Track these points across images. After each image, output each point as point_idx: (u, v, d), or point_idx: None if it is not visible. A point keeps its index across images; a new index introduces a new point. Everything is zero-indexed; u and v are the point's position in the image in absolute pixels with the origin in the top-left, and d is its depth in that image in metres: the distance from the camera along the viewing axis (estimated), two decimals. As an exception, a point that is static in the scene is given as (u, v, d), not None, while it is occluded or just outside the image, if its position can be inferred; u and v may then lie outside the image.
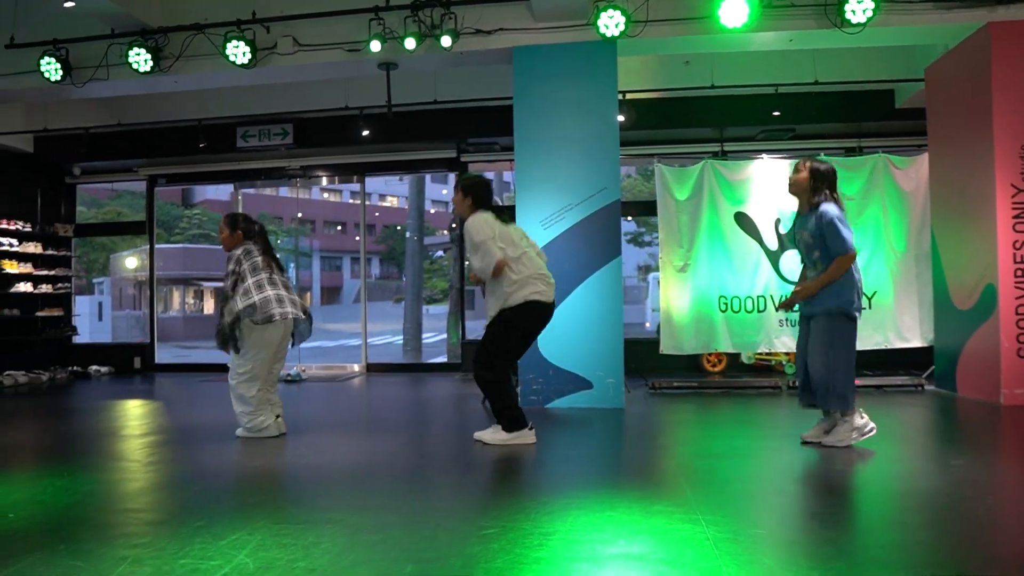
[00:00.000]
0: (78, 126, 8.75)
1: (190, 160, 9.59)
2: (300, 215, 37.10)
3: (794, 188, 4.33)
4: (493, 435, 4.46)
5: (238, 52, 6.37)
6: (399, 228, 40.87)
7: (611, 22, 5.90)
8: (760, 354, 8.08)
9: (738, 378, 7.73)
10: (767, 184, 7.44)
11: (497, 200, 4.55)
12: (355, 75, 7.13)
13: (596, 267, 6.10)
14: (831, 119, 8.24)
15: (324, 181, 10.08)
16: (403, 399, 7.05)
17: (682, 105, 8.29)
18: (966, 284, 6.23)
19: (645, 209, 10.19)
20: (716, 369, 8.59)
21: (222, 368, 9.80)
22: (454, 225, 17.87)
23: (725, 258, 7.47)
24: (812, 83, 7.34)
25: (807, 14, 5.97)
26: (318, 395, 7.39)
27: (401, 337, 14.67)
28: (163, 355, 10.33)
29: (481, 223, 4.34)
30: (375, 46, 6.16)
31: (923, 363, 7.31)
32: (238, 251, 4.70)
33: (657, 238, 7.64)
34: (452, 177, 9.20)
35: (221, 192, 32.43)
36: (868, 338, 7.21)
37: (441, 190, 41.13)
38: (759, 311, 7.44)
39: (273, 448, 4.48)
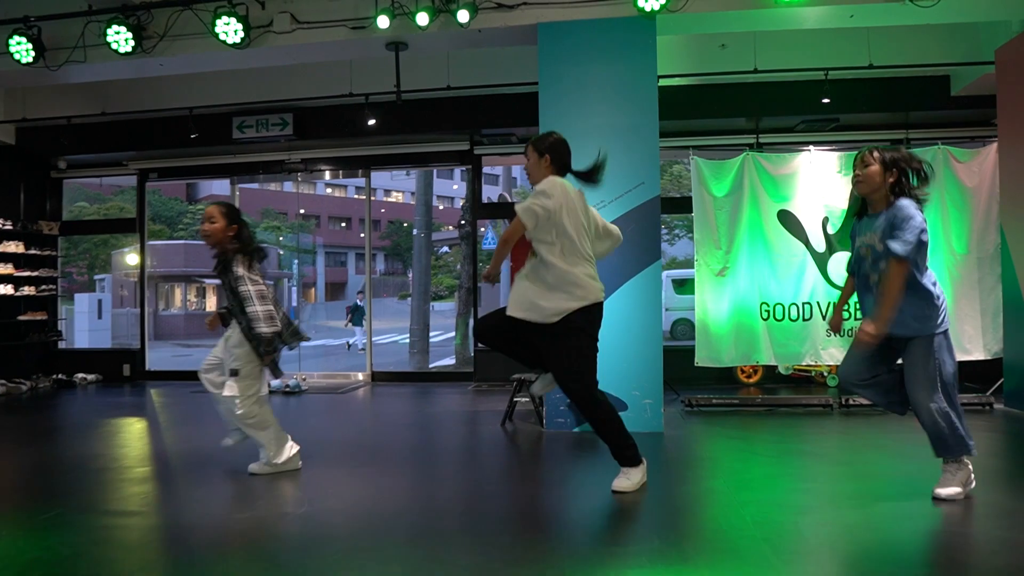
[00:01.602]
0: (60, 115, 8.08)
1: (183, 153, 8.92)
2: (303, 211, 36.44)
3: (864, 186, 3.41)
4: (630, 481, 3.65)
5: (228, 30, 5.69)
6: (405, 224, 40.32)
7: (651, -6, 5.21)
8: (799, 365, 7.38)
9: (782, 394, 7.03)
10: (814, 179, 6.74)
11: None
12: (360, 57, 6.50)
13: (633, 272, 5.41)
14: (880, 108, 7.53)
15: (327, 176, 9.34)
16: (413, 417, 6.38)
17: (715, 93, 7.57)
18: (1049, 291, 5.54)
19: (670, 206, 9.48)
20: (751, 380, 7.90)
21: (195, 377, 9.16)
22: (463, 221, 17.22)
23: (767, 261, 6.78)
24: (866, 67, 6.61)
25: (872, -14, 5.27)
26: (319, 411, 6.72)
27: (408, 337, 14.04)
28: (162, 355, 9.67)
29: (561, 188, 3.59)
30: (383, 22, 5.47)
31: (985, 378, 6.63)
32: (242, 263, 3.98)
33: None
34: (458, 172, 8.52)
35: (226, 187, 31.81)
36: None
37: (451, 185, 40.52)
38: (804, 319, 6.75)
39: (272, 487, 3.81)
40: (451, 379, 8.97)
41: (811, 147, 6.98)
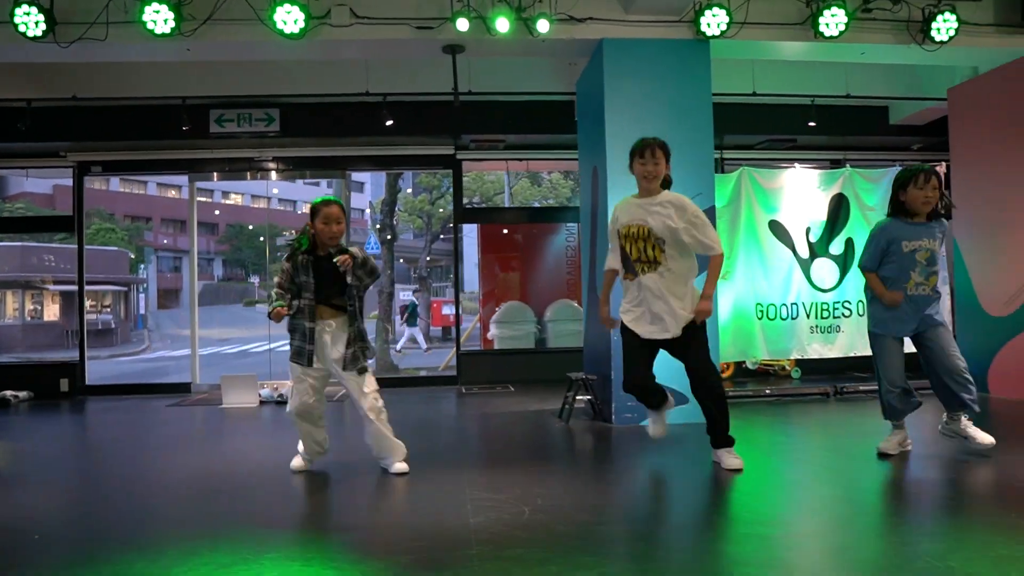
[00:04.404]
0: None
1: (135, 146, 8.12)
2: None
3: (931, 205, 4.12)
4: (734, 458, 4.13)
5: (289, 19, 5.41)
6: (251, 227, 38.23)
7: (714, 20, 5.68)
8: (764, 360, 8.22)
9: (750, 388, 7.79)
10: (798, 193, 7.56)
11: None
12: (415, 57, 6.42)
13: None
14: (831, 132, 8.58)
15: (308, 175, 8.92)
16: (468, 420, 6.38)
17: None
18: (1003, 292, 6.66)
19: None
20: (725, 375, 8.62)
21: (172, 390, 8.46)
22: (379, 227, 16.88)
23: (761, 265, 7.50)
24: (844, 96, 7.58)
25: (885, 28, 6.10)
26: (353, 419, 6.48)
27: (266, 344, 13.47)
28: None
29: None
30: (463, 25, 5.47)
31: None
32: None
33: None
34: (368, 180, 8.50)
35: (41, 185, 28.37)
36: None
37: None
38: (792, 318, 7.54)
39: (445, 493, 3.77)
40: (433, 383, 8.90)
41: (796, 164, 7.83)
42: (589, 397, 6.05)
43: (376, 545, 3.05)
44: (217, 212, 39.20)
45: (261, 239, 35.74)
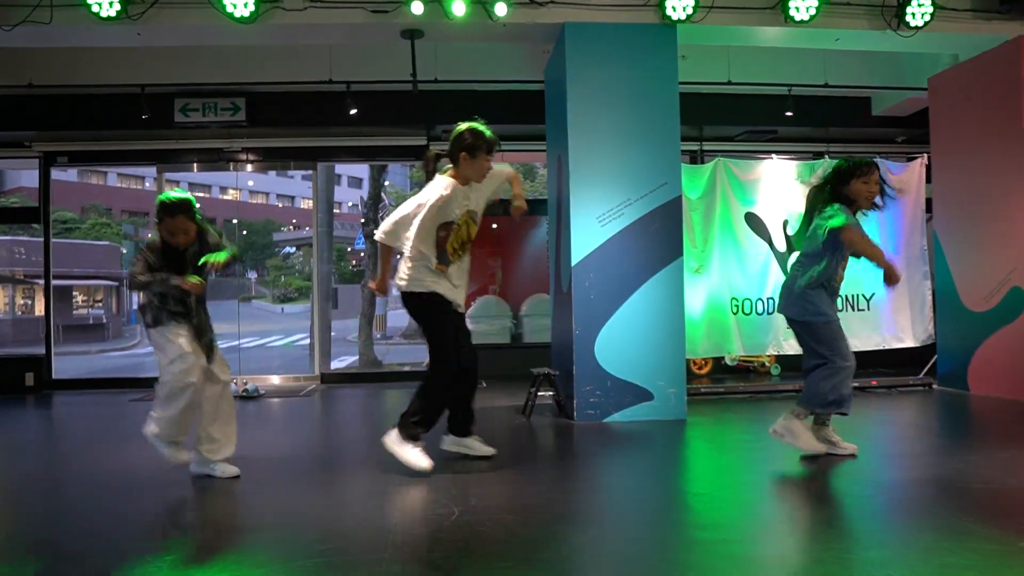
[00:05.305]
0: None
1: (101, 136, 7.94)
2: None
3: (872, 200, 4.17)
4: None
5: (240, 1, 5.23)
6: (235, 222, 38.06)
7: (679, 4, 5.49)
8: (744, 356, 8.03)
9: (728, 383, 7.61)
10: (776, 185, 7.36)
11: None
12: (370, 43, 6.22)
13: (657, 268, 5.66)
14: (811, 123, 8.38)
15: (279, 167, 8.75)
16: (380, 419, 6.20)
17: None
18: (984, 287, 6.47)
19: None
20: (703, 372, 8.44)
21: (142, 384, 8.27)
22: (363, 221, 16.70)
23: (737, 259, 7.30)
24: (823, 85, 7.38)
25: (859, 13, 5.90)
26: (327, 412, 6.32)
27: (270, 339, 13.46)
28: (62, 366, 8.53)
29: None
30: (416, 8, 5.29)
31: (915, 362, 7.56)
32: None
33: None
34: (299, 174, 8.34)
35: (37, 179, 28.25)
36: (867, 339, 7.36)
37: (291, 184, 38.68)
38: (768, 313, 7.34)
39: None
40: (405, 378, 8.74)
41: (773, 156, 7.63)
42: (552, 393, 5.88)
43: (282, 548, 2.88)
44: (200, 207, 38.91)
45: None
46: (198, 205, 3.84)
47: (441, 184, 3.97)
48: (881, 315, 7.44)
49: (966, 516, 3.05)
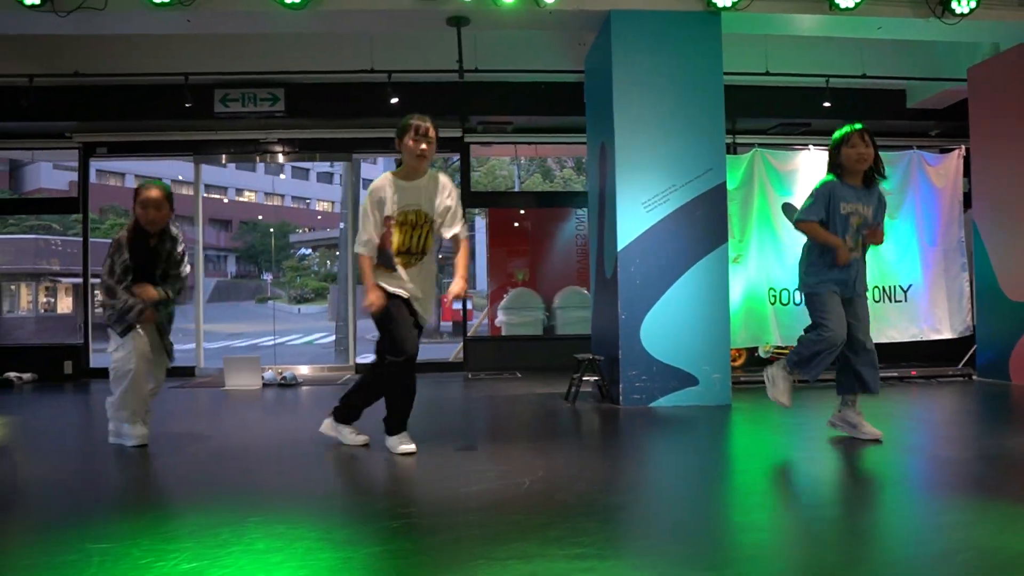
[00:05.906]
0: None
1: (137, 126, 8.03)
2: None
3: (866, 163, 4.02)
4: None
5: (292, -12, 5.30)
6: (267, 224, 38.25)
7: (725, -9, 5.51)
8: (778, 347, 8.01)
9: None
10: (814, 175, 7.32)
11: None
12: (416, 31, 6.26)
13: (702, 254, 5.67)
14: (846, 116, 8.33)
15: (318, 158, 8.83)
16: (480, 402, 6.24)
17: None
18: (1027, 276, 6.45)
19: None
20: (736, 364, 8.42)
21: (177, 373, 8.36)
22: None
23: (774, 249, 7.31)
24: (860, 76, 7.38)
25: (904, 1, 5.90)
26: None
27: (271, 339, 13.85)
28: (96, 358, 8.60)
29: None
30: (467, -6, 5.34)
31: (952, 355, 7.53)
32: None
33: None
34: (314, 175, 8.38)
35: (57, 179, 28.47)
36: (905, 330, 7.37)
37: (307, 187, 38.87)
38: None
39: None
40: (440, 370, 8.76)
41: (811, 147, 7.63)
42: (596, 378, 5.89)
43: (364, 511, 2.91)
44: (225, 201, 39.08)
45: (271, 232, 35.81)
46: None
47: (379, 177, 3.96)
48: (919, 307, 7.42)
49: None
